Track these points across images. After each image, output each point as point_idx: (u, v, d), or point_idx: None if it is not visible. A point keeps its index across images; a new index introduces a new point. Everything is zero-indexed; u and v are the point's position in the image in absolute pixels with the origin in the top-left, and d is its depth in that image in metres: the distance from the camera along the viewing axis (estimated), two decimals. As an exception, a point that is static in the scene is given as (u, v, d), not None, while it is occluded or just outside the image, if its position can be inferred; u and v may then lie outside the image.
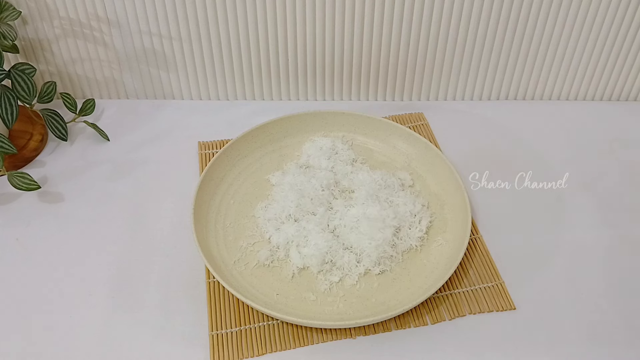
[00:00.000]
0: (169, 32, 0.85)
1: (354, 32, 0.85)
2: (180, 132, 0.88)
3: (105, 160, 0.83)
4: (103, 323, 0.65)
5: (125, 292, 0.68)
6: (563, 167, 0.83)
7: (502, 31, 0.86)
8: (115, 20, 0.84)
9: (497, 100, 0.94)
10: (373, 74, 0.90)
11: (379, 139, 0.84)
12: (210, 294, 0.67)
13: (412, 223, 0.73)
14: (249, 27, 0.84)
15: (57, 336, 0.64)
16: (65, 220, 0.75)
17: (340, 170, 0.79)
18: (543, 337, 0.64)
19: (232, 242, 0.72)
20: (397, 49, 0.87)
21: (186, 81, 0.91)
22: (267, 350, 0.63)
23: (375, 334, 0.65)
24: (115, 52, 0.87)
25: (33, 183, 0.75)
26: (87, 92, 0.93)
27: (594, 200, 0.79)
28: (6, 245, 0.72)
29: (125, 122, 0.89)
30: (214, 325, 0.65)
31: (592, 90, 0.93)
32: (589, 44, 0.88)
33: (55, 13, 0.83)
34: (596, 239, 0.74)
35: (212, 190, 0.76)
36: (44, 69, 0.90)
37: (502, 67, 0.90)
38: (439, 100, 0.94)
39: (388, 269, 0.69)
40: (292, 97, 0.93)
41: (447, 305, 0.67)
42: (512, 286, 0.69)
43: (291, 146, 0.83)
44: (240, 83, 0.91)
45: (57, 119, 0.83)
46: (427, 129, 0.88)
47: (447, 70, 0.90)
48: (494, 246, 0.73)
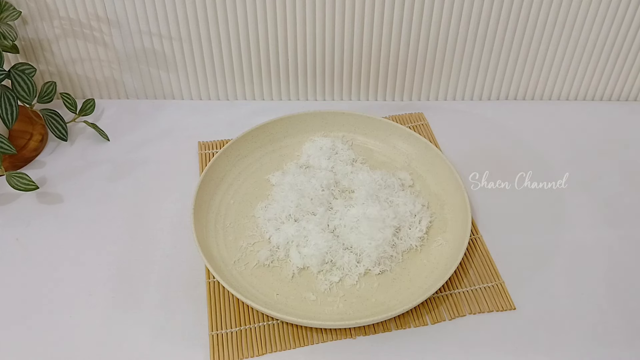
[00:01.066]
0: (169, 32, 0.85)
1: (354, 32, 0.85)
2: (180, 132, 0.88)
3: (105, 160, 0.83)
4: (103, 323, 0.65)
5: (125, 292, 0.68)
6: (563, 167, 0.83)
7: (502, 31, 0.86)
8: (115, 20, 0.84)
9: (497, 100, 0.95)
10: (373, 74, 0.90)
11: (379, 139, 0.84)
12: (210, 294, 0.67)
13: (412, 223, 0.73)
14: (249, 27, 0.84)
15: (57, 336, 0.64)
16: (65, 220, 0.75)
17: (340, 170, 0.79)
18: (543, 337, 0.64)
19: (232, 242, 0.72)
20: (397, 49, 0.87)
21: (186, 81, 0.91)
22: (267, 350, 0.63)
23: (375, 334, 0.65)
24: (115, 52, 0.87)
25: (31, 183, 0.75)
26: (87, 92, 0.93)
27: (594, 200, 0.79)
28: (6, 245, 0.73)
29: (125, 122, 0.89)
30: (214, 325, 0.65)
31: (592, 90, 0.93)
32: (589, 44, 0.88)
33: (55, 13, 0.83)
34: (596, 239, 0.74)
35: (212, 190, 0.76)
36: (44, 69, 0.90)
37: (502, 67, 0.90)
38: (439, 100, 0.94)
39: (388, 269, 0.69)
40: (292, 97, 0.93)
41: (447, 305, 0.67)
42: (512, 286, 0.69)
43: (291, 146, 0.83)
44: (240, 83, 0.91)
45: (57, 119, 0.83)
46: (427, 129, 0.88)
47: (447, 70, 0.90)
48: (494, 246, 0.73)
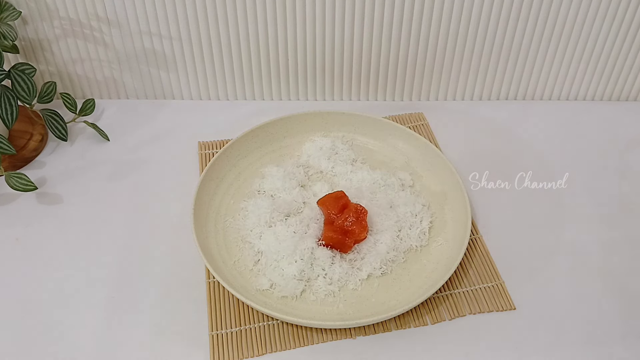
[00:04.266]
0: (169, 32, 0.85)
1: (354, 32, 0.85)
2: (180, 132, 0.88)
3: (105, 160, 0.83)
4: (103, 323, 0.65)
5: (125, 292, 0.68)
6: (563, 167, 0.83)
7: (502, 31, 0.86)
8: (115, 20, 0.84)
9: (497, 100, 0.95)
10: (373, 74, 0.90)
11: (379, 139, 0.84)
12: (210, 294, 0.67)
13: (413, 223, 0.73)
14: (249, 27, 0.84)
15: (57, 336, 0.64)
16: (65, 221, 0.75)
17: (340, 170, 0.79)
18: (543, 337, 0.64)
19: (232, 242, 0.72)
20: (397, 49, 0.87)
21: (186, 81, 0.91)
22: (267, 350, 0.63)
23: (375, 334, 0.65)
24: (115, 52, 0.87)
25: (30, 184, 0.75)
26: (87, 92, 0.93)
27: (594, 200, 0.79)
28: (6, 245, 0.72)
29: (125, 122, 0.89)
30: (214, 325, 0.65)
31: (592, 90, 0.93)
32: (589, 44, 0.88)
33: (55, 13, 0.83)
34: (596, 239, 0.74)
35: (212, 190, 0.76)
36: (44, 69, 0.90)
37: (502, 67, 0.90)
38: (439, 100, 0.94)
39: (388, 269, 0.69)
40: (292, 97, 0.93)
41: (447, 305, 0.67)
42: (512, 286, 0.69)
43: (291, 146, 0.83)
44: (240, 83, 0.91)
45: (57, 119, 0.83)
46: (427, 129, 0.88)
47: (447, 70, 0.90)
48: (494, 246, 0.73)
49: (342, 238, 0.68)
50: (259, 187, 0.78)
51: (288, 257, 0.67)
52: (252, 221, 0.72)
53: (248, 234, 0.72)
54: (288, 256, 0.67)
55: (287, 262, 0.67)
